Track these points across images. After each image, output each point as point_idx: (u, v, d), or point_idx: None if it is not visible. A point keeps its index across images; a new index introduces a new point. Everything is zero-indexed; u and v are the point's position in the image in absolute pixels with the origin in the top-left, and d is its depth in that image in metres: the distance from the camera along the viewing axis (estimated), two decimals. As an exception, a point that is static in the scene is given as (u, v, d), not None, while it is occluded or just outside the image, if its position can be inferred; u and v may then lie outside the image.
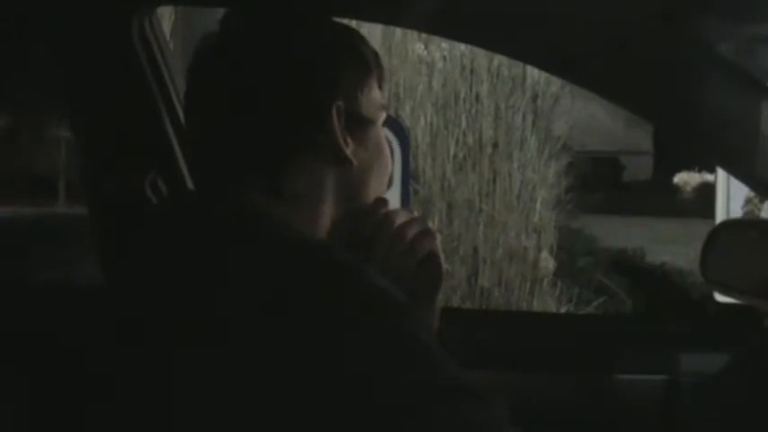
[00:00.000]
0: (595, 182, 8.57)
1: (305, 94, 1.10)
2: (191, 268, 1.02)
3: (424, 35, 6.08)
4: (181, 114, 1.71)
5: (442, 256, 1.21)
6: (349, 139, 1.12)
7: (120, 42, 1.65)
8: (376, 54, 1.20)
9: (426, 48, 6.32)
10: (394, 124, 1.92)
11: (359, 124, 1.14)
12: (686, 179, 14.12)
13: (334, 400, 0.89)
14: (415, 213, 1.23)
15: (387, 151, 1.20)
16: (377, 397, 0.89)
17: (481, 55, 6.09)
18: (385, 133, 1.22)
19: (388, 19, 1.78)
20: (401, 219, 1.18)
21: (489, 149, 6.07)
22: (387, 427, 0.89)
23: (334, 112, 1.10)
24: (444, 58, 6.26)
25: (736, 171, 1.57)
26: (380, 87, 1.19)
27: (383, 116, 1.19)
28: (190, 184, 1.68)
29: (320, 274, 0.97)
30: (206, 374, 0.93)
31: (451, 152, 6.02)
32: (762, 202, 5.08)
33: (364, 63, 1.16)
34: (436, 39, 6.14)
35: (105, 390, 1.04)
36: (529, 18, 1.41)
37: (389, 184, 1.25)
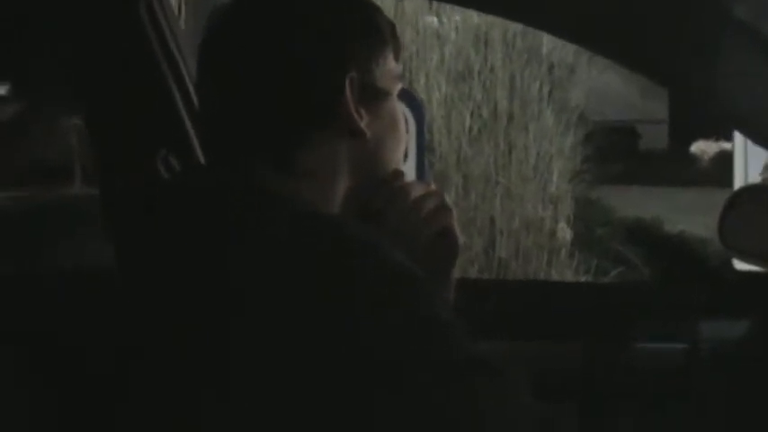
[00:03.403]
0: (612, 152, 8.52)
1: (317, 65, 1.09)
2: (204, 245, 1.01)
3: (435, 6, 6.06)
4: (192, 91, 1.71)
5: (458, 232, 1.20)
6: (363, 112, 1.11)
7: (129, 20, 1.65)
8: (392, 25, 1.18)
9: (439, 19, 6.29)
10: (408, 96, 1.90)
11: (373, 96, 1.12)
12: (703, 148, 14.03)
13: (349, 375, 0.88)
14: (433, 186, 1.22)
15: (402, 123, 1.18)
16: (393, 373, 0.89)
17: (495, 25, 6.06)
18: (399, 106, 1.20)
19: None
20: (417, 191, 1.17)
21: (505, 121, 6.04)
22: (403, 403, 0.88)
23: (347, 83, 1.09)
24: (457, 29, 6.23)
25: (754, 135, 1.55)
26: (396, 59, 1.18)
27: (398, 88, 1.18)
28: (202, 161, 1.67)
29: (334, 248, 0.96)
30: (220, 351, 0.93)
31: (467, 124, 6.00)
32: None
33: (379, 34, 1.15)
34: (449, 9, 6.11)
35: (121, 369, 1.04)
36: None
37: (405, 157, 1.24)
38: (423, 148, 2.03)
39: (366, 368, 0.89)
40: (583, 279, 5.95)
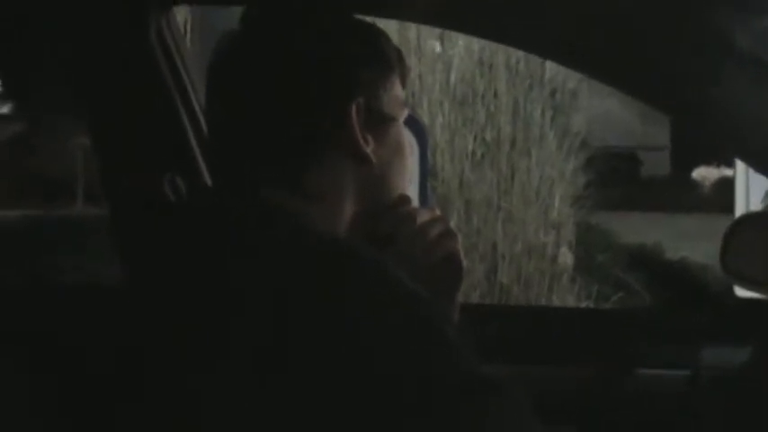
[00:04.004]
0: (613, 177, 8.55)
1: (323, 91, 1.10)
2: (212, 265, 1.02)
3: (439, 32, 6.08)
4: (199, 113, 1.72)
5: (463, 258, 1.21)
6: (369, 137, 1.12)
7: (138, 42, 1.66)
8: (398, 51, 1.19)
9: (442, 44, 6.32)
10: (412, 122, 1.92)
11: (380, 121, 1.13)
12: (704, 174, 14.05)
13: (357, 389, 0.89)
14: (438, 211, 1.23)
15: (408, 149, 1.19)
16: (399, 386, 0.89)
17: (499, 51, 6.08)
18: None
19: (404, 15, 1.77)
20: (423, 217, 1.18)
21: (507, 146, 6.06)
22: (410, 418, 0.89)
23: (353, 109, 1.10)
24: (461, 54, 6.25)
25: (755, 163, 1.56)
26: (403, 85, 1.19)
27: (405, 113, 1.19)
28: (208, 183, 1.68)
29: (341, 269, 0.97)
30: (227, 368, 0.94)
31: (469, 149, 6.01)
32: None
33: (385, 60, 1.16)
34: (452, 35, 6.13)
35: (128, 385, 1.04)
36: (542, 8, 1.41)
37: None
38: (426, 172, 2.04)
39: (368, 383, 0.89)
40: (584, 304, 5.94)
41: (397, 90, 1.17)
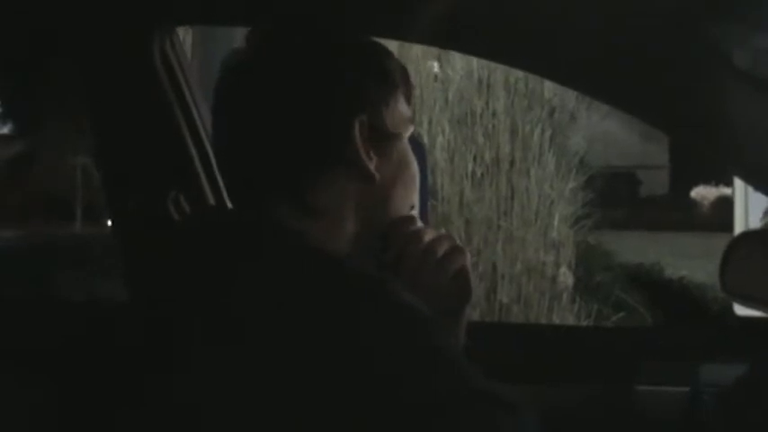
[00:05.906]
0: (613, 197, 8.57)
1: (327, 108, 1.11)
2: (218, 282, 1.03)
3: (438, 52, 6.10)
4: (202, 131, 1.73)
5: (472, 274, 1.22)
6: (373, 154, 1.12)
7: (142, 62, 1.67)
8: (403, 68, 1.20)
9: (441, 64, 6.34)
10: (412, 142, 1.94)
11: (384, 138, 1.14)
12: (703, 193, 14.09)
13: (356, 403, 0.89)
14: (443, 231, 1.23)
15: (413, 165, 1.20)
16: (405, 397, 0.90)
17: (497, 71, 6.10)
18: None
19: (404, 35, 1.79)
20: (430, 235, 1.19)
21: (507, 165, 6.07)
22: (415, 428, 0.89)
23: (356, 126, 1.10)
24: (460, 74, 6.27)
25: (754, 181, 1.57)
26: (408, 102, 1.20)
27: (410, 130, 1.20)
28: (211, 201, 1.69)
29: (346, 288, 0.97)
30: (236, 385, 0.94)
31: (469, 169, 6.03)
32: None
33: (388, 77, 1.17)
34: (452, 56, 6.15)
35: (131, 403, 1.05)
36: (544, 29, 1.41)
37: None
38: (426, 192, 2.05)
39: (368, 397, 0.90)
40: (584, 324, 5.94)
41: (402, 107, 1.17)
